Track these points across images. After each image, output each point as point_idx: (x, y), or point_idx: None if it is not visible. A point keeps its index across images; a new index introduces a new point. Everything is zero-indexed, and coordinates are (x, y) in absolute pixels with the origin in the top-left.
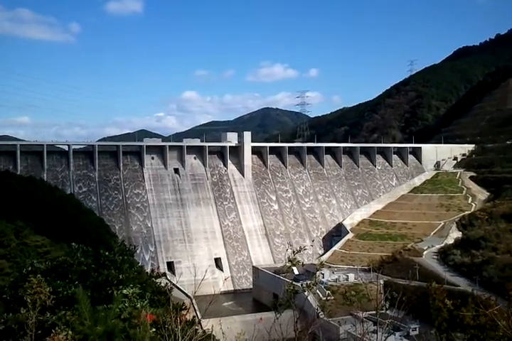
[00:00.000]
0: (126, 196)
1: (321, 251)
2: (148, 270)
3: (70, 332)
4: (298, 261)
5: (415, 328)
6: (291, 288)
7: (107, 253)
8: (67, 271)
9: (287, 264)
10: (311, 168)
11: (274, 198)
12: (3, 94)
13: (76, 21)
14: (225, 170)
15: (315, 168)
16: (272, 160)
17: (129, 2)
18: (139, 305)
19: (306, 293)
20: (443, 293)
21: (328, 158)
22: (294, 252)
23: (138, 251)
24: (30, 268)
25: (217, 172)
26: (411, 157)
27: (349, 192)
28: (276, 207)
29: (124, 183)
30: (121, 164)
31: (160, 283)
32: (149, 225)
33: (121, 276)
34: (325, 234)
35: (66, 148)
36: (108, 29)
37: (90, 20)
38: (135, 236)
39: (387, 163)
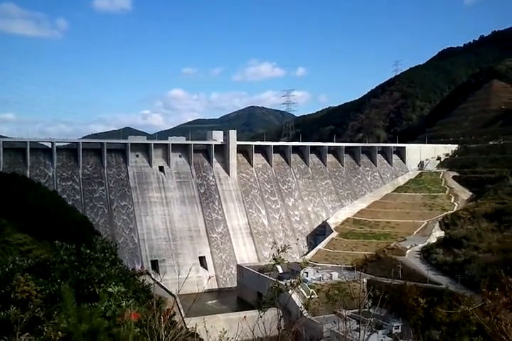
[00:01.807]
0: (110, 194)
1: (305, 250)
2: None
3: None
4: (283, 260)
5: (398, 326)
6: (276, 286)
7: (88, 251)
8: (49, 269)
9: (272, 262)
10: (296, 167)
11: (259, 197)
12: None
13: (63, 17)
14: (211, 169)
15: (300, 166)
16: (257, 158)
17: None
18: (124, 304)
19: (290, 292)
20: (416, 291)
21: (313, 157)
22: (278, 251)
23: (122, 250)
24: (12, 266)
25: (202, 170)
26: (395, 156)
27: (334, 191)
28: (261, 205)
29: (108, 181)
30: (106, 162)
31: (143, 281)
32: (133, 223)
33: (102, 274)
34: (309, 232)
35: (50, 145)
36: (96, 26)
37: (78, 17)
38: (119, 234)
39: (371, 163)
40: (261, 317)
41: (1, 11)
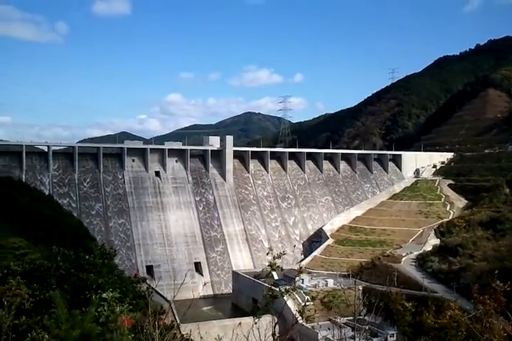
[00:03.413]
0: (106, 198)
1: (301, 257)
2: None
3: (46, 335)
4: (278, 266)
5: (393, 334)
6: (270, 292)
7: (87, 257)
8: (44, 275)
9: (267, 269)
10: (292, 173)
11: (255, 203)
12: None
13: (63, 20)
14: (207, 174)
15: (296, 173)
16: (253, 164)
17: (117, 4)
18: (118, 310)
19: (285, 298)
20: (401, 296)
21: (309, 164)
22: (274, 257)
23: (117, 254)
24: (6, 271)
25: (198, 175)
26: (391, 164)
27: (329, 197)
28: (257, 211)
29: (104, 185)
30: (102, 166)
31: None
32: (129, 228)
33: (100, 280)
34: (305, 239)
35: (46, 148)
36: (95, 29)
37: (77, 20)
38: (114, 239)
39: (367, 170)
40: (255, 323)
41: (0, 14)
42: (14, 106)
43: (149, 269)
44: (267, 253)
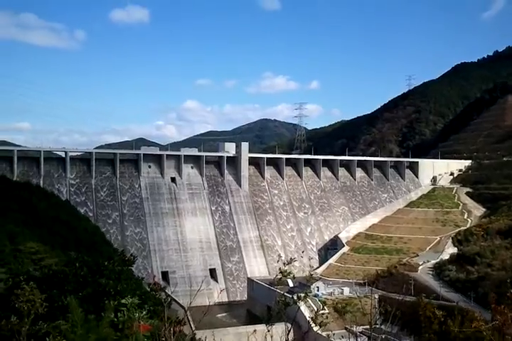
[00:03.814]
0: (122, 204)
1: (316, 264)
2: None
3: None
4: (289, 273)
5: None
6: (283, 299)
7: (105, 263)
8: (63, 281)
9: (278, 276)
10: (308, 180)
11: (270, 210)
12: (4, 100)
13: (82, 28)
14: (222, 180)
15: (312, 180)
16: (269, 171)
17: (135, 12)
18: (136, 315)
19: (299, 306)
20: (431, 304)
21: (325, 171)
22: (284, 264)
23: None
24: (25, 276)
25: (213, 182)
26: (408, 171)
27: (345, 205)
28: (272, 218)
29: (121, 191)
30: (118, 172)
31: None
32: (145, 234)
33: (119, 287)
34: (320, 246)
35: (63, 154)
36: (113, 37)
37: (96, 28)
38: (130, 244)
39: (383, 177)
40: (269, 331)
41: (21, 22)
42: (33, 112)
43: (165, 275)
44: (277, 260)
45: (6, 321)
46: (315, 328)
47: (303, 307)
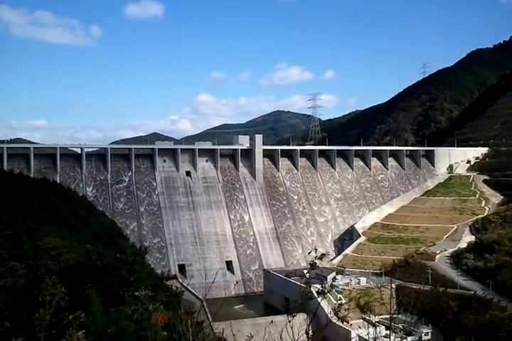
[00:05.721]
0: (138, 198)
1: (332, 255)
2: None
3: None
4: (317, 266)
5: (427, 333)
6: (308, 291)
7: (118, 255)
8: (81, 274)
9: (302, 267)
10: (323, 171)
11: (285, 201)
12: (20, 98)
13: (97, 24)
14: (237, 173)
15: (326, 170)
16: (283, 163)
17: (150, 7)
18: (150, 307)
19: (318, 298)
20: (448, 295)
21: (339, 161)
22: (315, 257)
23: (149, 253)
24: (43, 270)
25: (228, 175)
26: (424, 160)
27: (361, 195)
28: (287, 210)
29: (136, 186)
30: (134, 167)
31: (172, 285)
32: (161, 228)
33: (131, 278)
34: (336, 237)
35: (79, 150)
36: (128, 32)
37: (111, 24)
38: (146, 238)
39: (399, 166)
40: (289, 321)
41: (36, 20)
42: (49, 109)
43: (181, 268)
44: (309, 252)
45: (27, 314)
46: (334, 320)
47: (322, 300)
